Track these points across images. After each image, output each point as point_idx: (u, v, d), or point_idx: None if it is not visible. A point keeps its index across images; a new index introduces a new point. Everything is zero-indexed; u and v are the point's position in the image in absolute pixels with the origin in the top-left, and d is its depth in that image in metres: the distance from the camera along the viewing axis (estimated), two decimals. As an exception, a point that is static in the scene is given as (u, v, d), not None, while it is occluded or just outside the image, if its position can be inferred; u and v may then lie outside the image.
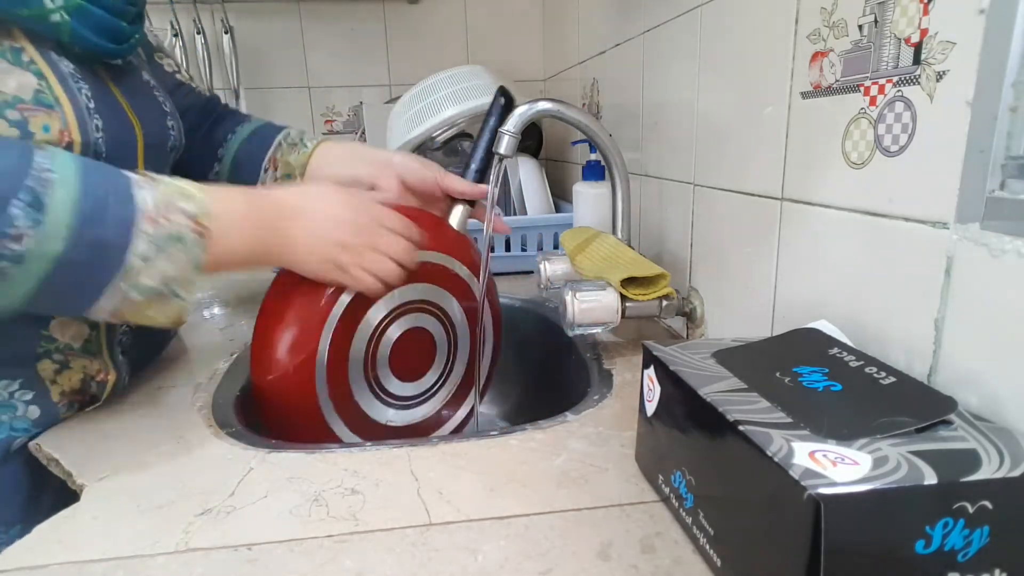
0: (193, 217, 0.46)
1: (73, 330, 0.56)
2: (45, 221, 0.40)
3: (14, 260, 0.40)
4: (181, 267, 0.46)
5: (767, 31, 0.53)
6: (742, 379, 0.38)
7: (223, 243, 0.49)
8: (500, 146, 0.68)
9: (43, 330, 0.54)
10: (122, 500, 0.44)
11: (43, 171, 0.41)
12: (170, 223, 0.45)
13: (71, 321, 0.55)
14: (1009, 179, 0.34)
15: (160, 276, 0.45)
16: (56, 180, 0.41)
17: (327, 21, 1.44)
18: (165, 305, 0.47)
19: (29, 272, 0.40)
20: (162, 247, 0.44)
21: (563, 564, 0.36)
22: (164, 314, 0.48)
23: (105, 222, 0.42)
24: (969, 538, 0.27)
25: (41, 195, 0.40)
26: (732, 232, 0.62)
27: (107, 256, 0.43)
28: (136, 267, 0.44)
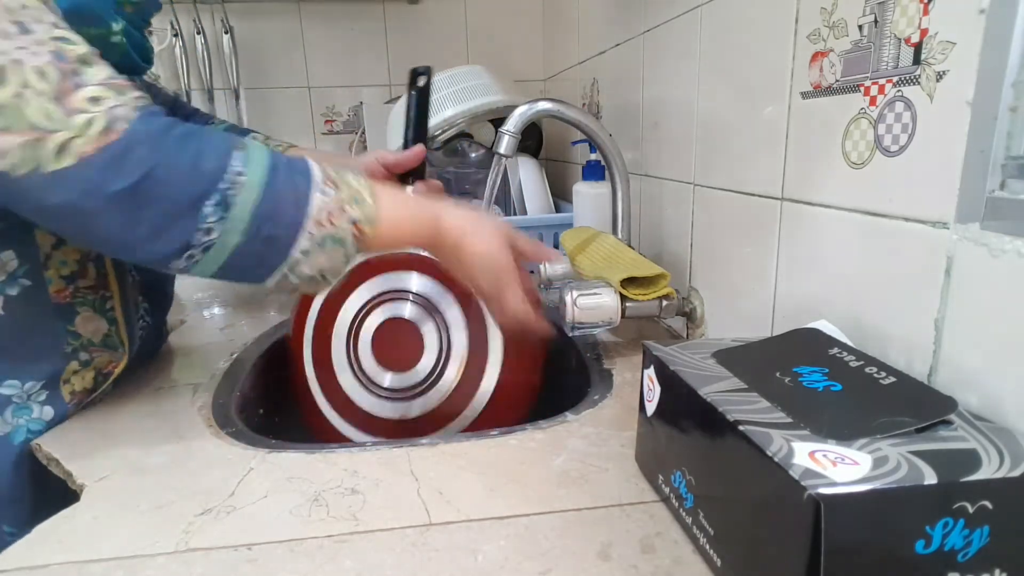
0: (356, 222, 0.51)
1: (94, 326, 0.59)
2: (229, 217, 0.46)
3: (204, 248, 0.46)
4: (335, 262, 0.51)
5: (767, 31, 0.53)
6: (742, 379, 0.38)
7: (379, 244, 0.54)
8: (500, 146, 0.68)
9: (69, 326, 0.57)
10: (122, 500, 0.44)
11: (236, 175, 0.46)
12: (334, 227, 0.50)
13: (93, 316, 0.59)
14: (1009, 179, 0.34)
15: (317, 267, 0.50)
16: (245, 183, 0.46)
17: (327, 21, 1.44)
18: (314, 285, 0.52)
19: (215, 257, 0.47)
20: (322, 245, 0.49)
21: (563, 564, 0.36)
22: (312, 289, 0.53)
23: (278, 222, 0.48)
24: (969, 538, 0.27)
25: (230, 196, 0.46)
26: (732, 232, 0.62)
27: (275, 249, 0.48)
28: (297, 259, 0.49)
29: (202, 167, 0.45)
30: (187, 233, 0.45)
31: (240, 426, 0.56)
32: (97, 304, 0.59)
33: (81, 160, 0.42)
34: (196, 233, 0.45)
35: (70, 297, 0.57)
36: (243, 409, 0.61)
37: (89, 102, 0.43)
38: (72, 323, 0.57)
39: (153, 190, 0.44)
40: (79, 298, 0.58)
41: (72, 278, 0.57)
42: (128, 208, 0.43)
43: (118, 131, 0.43)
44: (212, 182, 0.45)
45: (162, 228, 0.45)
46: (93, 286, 0.59)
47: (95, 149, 0.42)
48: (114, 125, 0.43)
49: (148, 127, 0.44)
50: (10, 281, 0.53)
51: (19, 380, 0.55)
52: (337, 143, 1.50)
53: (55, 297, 0.56)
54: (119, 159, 0.42)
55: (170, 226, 0.45)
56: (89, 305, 0.59)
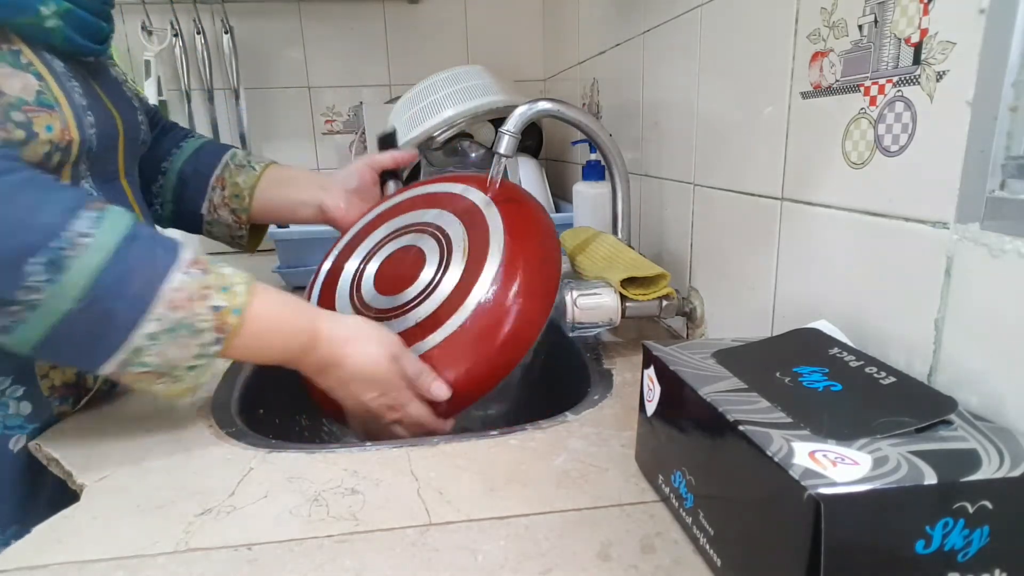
0: (218, 311, 0.47)
1: None
2: (60, 281, 0.42)
3: (29, 307, 0.42)
4: (188, 354, 0.47)
5: (767, 31, 0.53)
6: (742, 379, 0.38)
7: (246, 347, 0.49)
8: (500, 146, 0.68)
9: None
10: (122, 500, 0.44)
11: (78, 235, 0.42)
12: (191, 313, 0.46)
13: None
14: (1009, 179, 0.34)
15: (165, 358, 0.46)
16: (88, 246, 0.43)
17: (327, 21, 1.44)
18: (166, 385, 0.48)
19: (40, 320, 0.42)
20: (173, 332, 0.45)
21: (563, 564, 0.36)
22: (166, 389, 0.48)
23: (122, 297, 0.43)
24: (969, 538, 0.27)
25: (64, 258, 0.42)
26: (732, 232, 0.62)
27: (113, 327, 0.44)
28: (140, 346, 0.45)
29: (33, 220, 0.42)
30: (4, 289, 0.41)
31: (240, 426, 0.56)
32: None
33: None
34: (17, 291, 0.41)
35: None
36: (243, 409, 0.61)
37: None
38: None
39: None
40: None
41: None
42: None
43: None
44: (42, 238, 0.41)
45: None
46: None
47: None
48: None
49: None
50: None
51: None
52: (337, 143, 1.50)
53: None
54: None
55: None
56: None
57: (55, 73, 0.52)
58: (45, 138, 0.49)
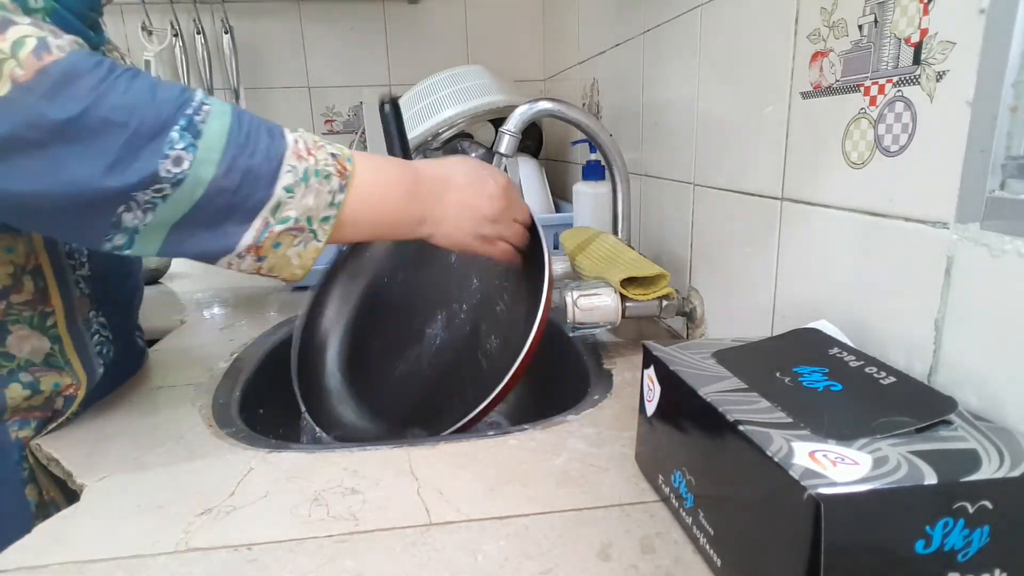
0: (337, 158, 0.47)
1: (31, 345, 0.53)
2: (199, 146, 0.41)
3: (175, 182, 0.41)
4: (323, 202, 0.46)
5: (767, 31, 0.53)
6: (742, 379, 0.38)
7: (365, 194, 0.49)
8: (500, 146, 0.68)
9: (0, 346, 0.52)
10: (122, 500, 0.44)
11: (202, 103, 0.43)
12: (316, 160, 0.46)
13: (29, 334, 0.53)
14: (1009, 179, 0.34)
15: (303, 209, 0.45)
16: (213, 112, 0.43)
17: (327, 21, 1.44)
18: (301, 244, 0.47)
19: (187, 194, 0.42)
20: (307, 180, 0.45)
21: (563, 564, 0.36)
22: (298, 256, 0.47)
23: (256, 153, 0.43)
24: (969, 538, 0.27)
25: (198, 123, 0.42)
26: (732, 232, 0.62)
27: (255, 185, 0.43)
28: (281, 200, 0.44)
29: (160, 95, 0.41)
30: (152, 162, 0.40)
31: (240, 426, 0.56)
32: (35, 321, 0.53)
33: (16, 86, 0.37)
34: (163, 161, 0.40)
35: (1, 315, 0.51)
36: (243, 409, 0.61)
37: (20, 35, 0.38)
38: (3, 343, 0.52)
39: (113, 115, 0.39)
40: (12, 315, 0.52)
41: (4, 293, 0.51)
42: (78, 139, 0.39)
43: (53, 56, 0.38)
44: (176, 107, 0.41)
45: (125, 157, 0.40)
46: (30, 301, 0.52)
47: (31, 72, 0.38)
48: (47, 49, 0.38)
49: (90, 60, 0.40)
50: None
51: None
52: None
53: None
54: (63, 84, 0.38)
55: (132, 155, 0.40)
56: (25, 322, 0.52)
57: None
58: None
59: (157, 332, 0.82)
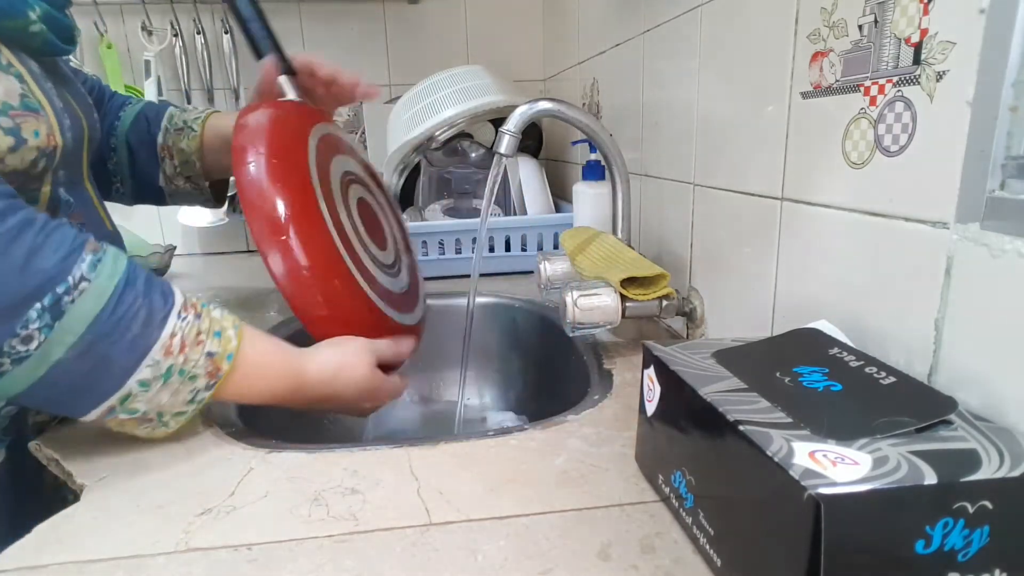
0: (214, 358, 0.47)
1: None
2: (57, 327, 0.40)
3: (16, 359, 0.40)
4: (179, 399, 0.47)
5: (767, 31, 0.53)
6: (742, 379, 0.38)
7: (242, 386, 0.50)
8: (500, 146, 0.68)
9: None
10: (122, 500, 0.44)
11: (79, 279, 0.42)
12: (186, 359, 0.45)
13: None
14: (1009, 179, 0.34)
15: (154, 405, 0.46)
16: (89, 291, 0.42)
17: (327, 21, 1.44)
18: (149, 428, 0.48)
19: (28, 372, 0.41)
20: (167, 378, 0.45)
21: (563, 564, 0.36)
22: (146, 433, 0.49)
23: (118, 342, 0.43)
24: (969, 538, 0.27)
25: (65, 303, 0.41)
26: (732, 232, 0.62)
27: (108, 374, 0.43)
28: (132, 392, 0.44)
29: (34, 265, 0.40)
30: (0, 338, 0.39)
31: (240, 426, 0.56)
32: None
33: None
34: (12, 339, 0.39)
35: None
36: (243, 409, 0.61)
37: None
38: None
39: None
40: None
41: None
42: None
43: None
44: (45, 283, 0.40)
45: None
46: None
47: None
48: None
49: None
50: None
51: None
52: (337, 143, 1.50)
53: None
54: None
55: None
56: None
57: (33, 74, 0.50)
58: (33, 144, 0.48)
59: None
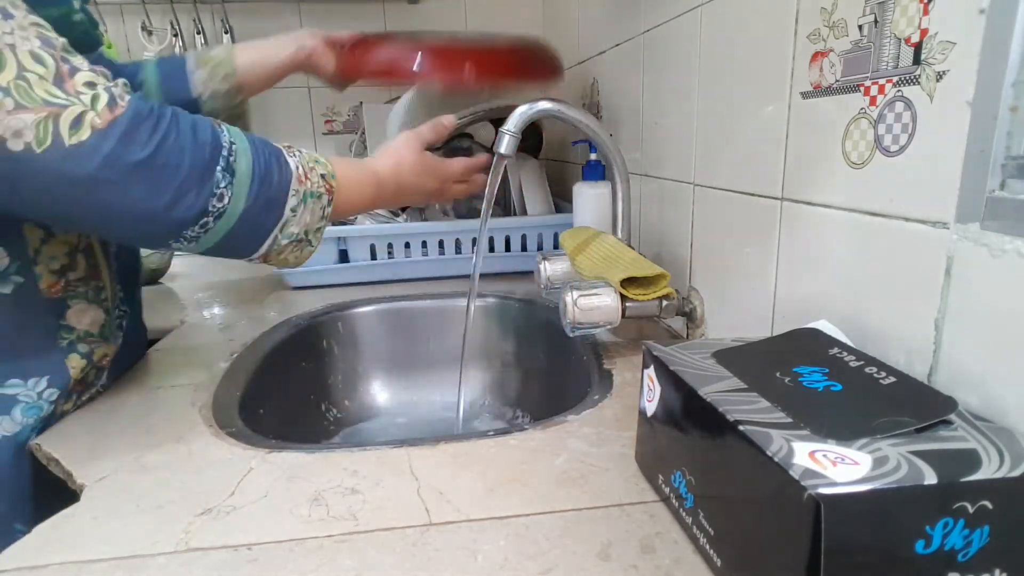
0: (325, 178, 0.57)
1: (89, 317, 0.59)
2: (235, 182, 0.49)
3: (217, 215, 0.49)
4: (316, 217, 0.56)
5: (767, 31, 0.53)
6: (742, 379, 0.38)
7: (343, 200, 0.60)
8: (500, 146, 0.68)
9: (60, 320, 0.57)
10: (122, 500, 0.44)
11: (231, 143, 0.50)
12: (311, 183, 0.55)
13: (88, 307, 0.59)
14: (1009, 179, 0.34)
15: (302, 224, 0.55)
16: (239, 151, 0.50)
17: (327, 21, 1.44)
18: (299, 250, 0.57)
19: (224, 225, 0.50)
20: (305, 201, 0.54)
21: (563, 564, 0.36)
22: (296, 257, 0.57)
23: (272, 184, 0.52)
24: (969, 538, 0.27)
25: (232, 163, 0.49)
26: (732, 232, 0.62)
27: (271, 210, 0.52)
28: (287, 219, 0.53)
29: (201, 137, 0.48)
30: (204, 199, 0.48)
31: (240, 426, 0.56)
32: (91, 295, 0.59)
33: (95, 132, 0.43)
34: (211, 199, 0.48)
35: (61, 291, 0.57)
36: (243, 409, 0.61)
37: (86, 85, 0.45)
38: (64, 317, 0.57)
39: (170, 159, 0.46)
40: (71, 291, 0.58)
41: (62, 271, 0.57)
42: (149, 177, 0.45)
43: (121, 106, 0.45)
44: (215, 150, 0.48)
45: (182, 195, 0.47)
46: (84, 277, 0.59)
47: (106, 122, 0.44)
48: (117, 100, 0.45)
49: (144, 104, 0.47)
50: (2, 279, 0.53)
51: (22, 379, 0.55)
52: (337, 143, 1.50)
53: (47, 292, 0.56)
54: (131, 131, 0.45)
55: (188, 192, 0.47)
56: (82, 297, 0.59)
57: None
58: None
59: (157, 332, 0.82)
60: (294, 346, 0.82)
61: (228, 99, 0.82)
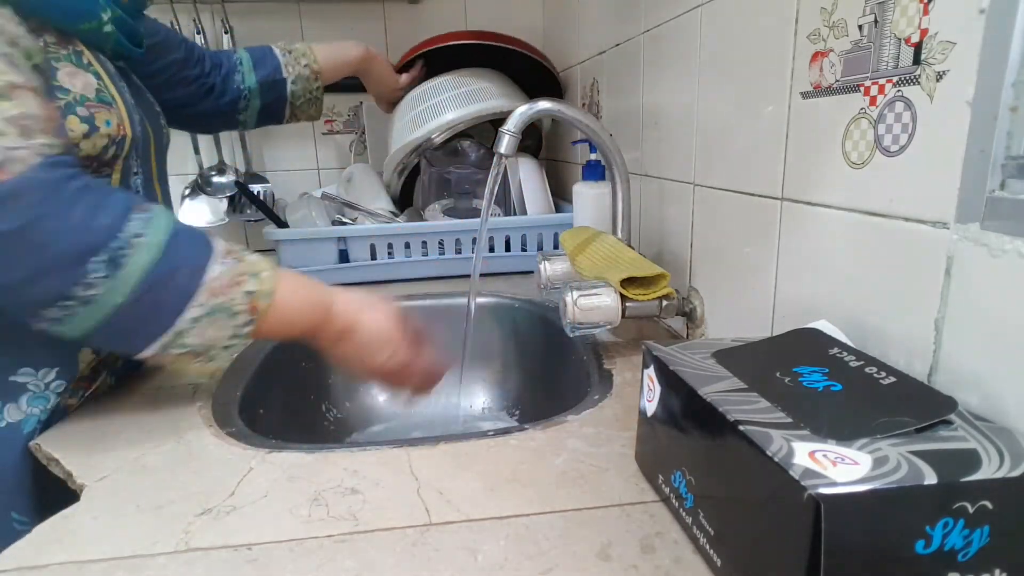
0: (251, 295, 0.51)
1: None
2: (116, 276, 0.45)
3: (83, 302, 0.45)
4: (223, 334, 0.51)
5: (767, 31, 0.53)
6: (742, 379, 0.38)
7: (277, 320, 0.53)
8: (500, 146, 0.68)
9: None
10: (122, 500, 0.44)
11: (132, 236, 0.46)
12: (228, 298, 0.50)
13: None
14: (1009, 179, 0.34)
15: (203, 338, 0.50)
16: (140, 244, 0.46)
17: (327, 21, 1.44)
18: (203, 361, 0.52)
19: (92, 313, 0.46)
20: (212, 315, 0.49)
21: (563, 564, 0.36)
22: (198, 369, 0.53)
23: (169, 287, 0.48)
24: (969, 538, 0.27)
25: (121, 256, 0.45)
26: (732, 232, 0.62)
27: (161, 314, 0.48)
28: (183, 329, 0.49)
29: (95, 223, 0.45)
30: (66, 285, 0.44)
31: (240, 426, 0.56)
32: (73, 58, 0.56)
33: None
34: (75, 287, 0.44)
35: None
36: (243, 409, 0.61)
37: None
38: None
39: (37, 238, 0.43)
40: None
41: None
42: (9, 250, 0.43)
43: (10, 172, 0.42)
44: (103, 239, 0.45)
45: (40, 276, 0.44)
46: None
47: None
48: (6, 166, 0.42)
49: (45, 176, 0.43)
50: None
51: (33, 368, 0.55)
52: (337, 143, 1.50)
53: None
54: (5, 201, 0.42)
55: (48, 275, 0.44)
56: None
57: (109, 73, 0.58)
58: (104, 132, 0.54)
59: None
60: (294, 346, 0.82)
61: (308, 83, 0.94)
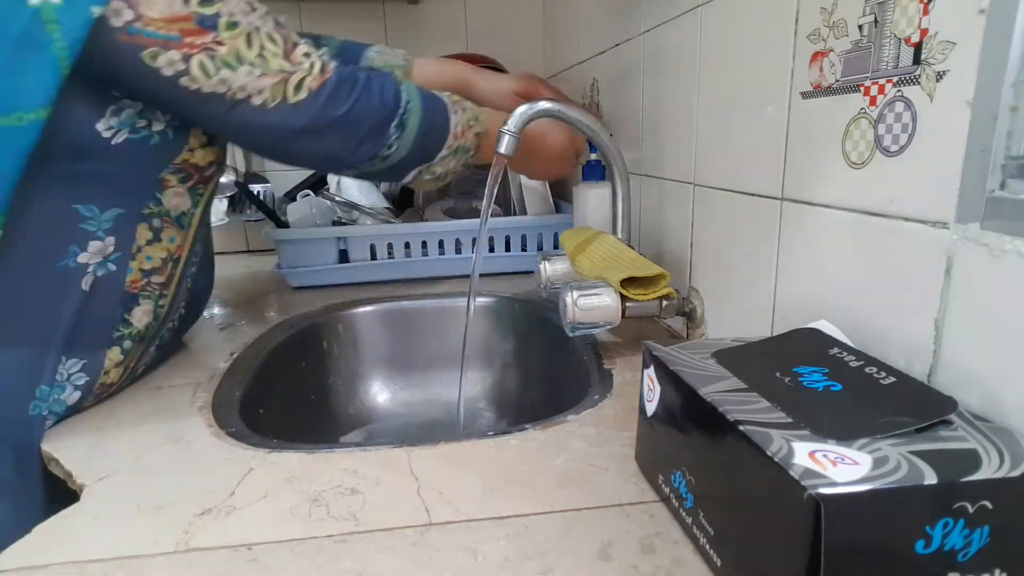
0: (479, 136, 0.70)
1: (147, 319, 0.63)
2: (403, 135, 0.63)
3: (384, 159, 0.64)
4: (459, 164, 0.70)
5: (767, 31, 0.53)
6: (742, 379, 0.38)
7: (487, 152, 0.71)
8: (500, 146, 0.68)
9: (125, 314, 0.61)
10: (122, 500, 0.44)
11: (406, 103, 0.63)
12: (464, 139, 0.68)
13: (150, 310, 0.63)
14: (1009, 179, 0.34)
15: (446, 168, 0.69)
16: (412, 109, 0.63)
17: (327, 21, 1.44)
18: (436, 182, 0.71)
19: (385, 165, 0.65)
20: (455, 153, 0.68)
21: (563, 564, 0.36)
22: (431, 185, 0.72)
23: (432, 137, 0.66)
24: (969, 538, 0.27)
25: (405, 119, 0.63)
26: (732, 232, 0.62)
27: (426, 154, 0.67)
28: (434, 163, 0.68)
29: (385, 98, 0.62)
30: (377, 148, 0.62)
31: (240, 426, 0.56)
32: (157, 299, 0.63)
33: (310, 93, 0.57)
34: (382, 148, 0.63)
35: (139, 289, 0.61)
36: (243, 409, 0.61)
37: (304, 56, 0.57)
38: (130, 312, 0.61)
39: (359, 116, 0.60)
40: (146, 291, 0.62)
41: (150, 272, 0.62)
42: (342, 130, 0.60)
43: (329, 72, 0.58)
44: (394, 110, 0.62)
45: (362, 144, 0.61)
46: (164, 283, 0.63)
47: (318, 85, 0.57)
48: (326, 67, 0.59)
49: (345, 70, 0.60)
50: (103, 263, 0.58)
51: (64, 356, 0.56)
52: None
53: (128, 286, 0.60)
54: (334, 92, 0.58)
55: (367, 142, 0.62)
56: (150, 298, 0.63)
57: None
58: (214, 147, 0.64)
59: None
60: (294, 346, 0.82)
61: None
